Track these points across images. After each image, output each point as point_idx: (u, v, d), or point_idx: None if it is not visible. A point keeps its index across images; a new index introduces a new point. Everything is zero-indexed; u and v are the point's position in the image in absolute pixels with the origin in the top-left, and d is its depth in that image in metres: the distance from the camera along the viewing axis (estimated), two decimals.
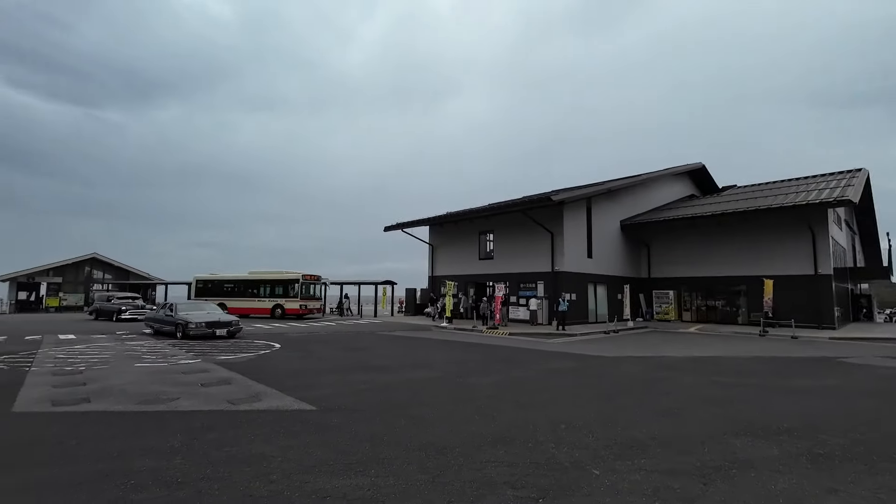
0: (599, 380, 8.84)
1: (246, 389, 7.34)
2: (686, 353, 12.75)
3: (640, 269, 27.34)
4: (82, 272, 40.23)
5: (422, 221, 28.07)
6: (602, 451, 4.58)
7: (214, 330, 15.02)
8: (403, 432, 5.17)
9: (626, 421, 5.73)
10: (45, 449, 4.56)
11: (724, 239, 23.79)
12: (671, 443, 4.88)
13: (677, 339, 17.22)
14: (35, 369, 9.05)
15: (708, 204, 25.86)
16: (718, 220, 22.69)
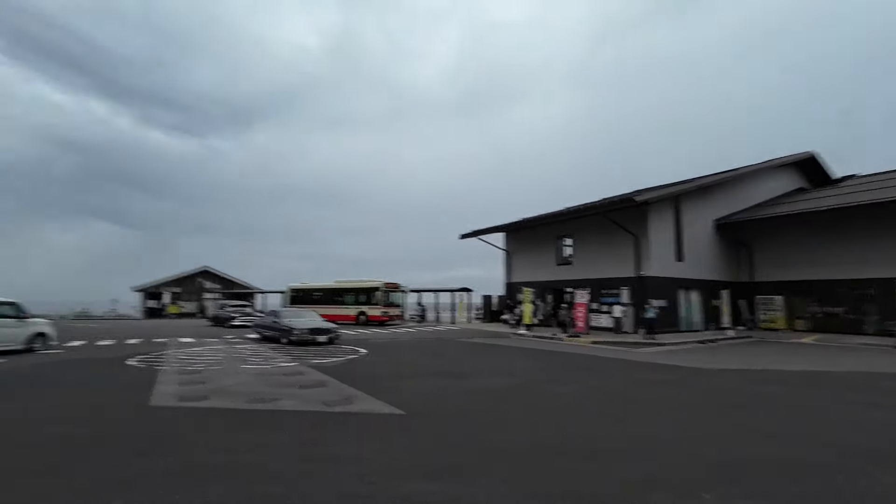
0: (695, 393, 8.13)
1: (339, 392, 7.80)
2: (803, 367, 11.29)
3: (740, 273, 24.80)
4: (196, 283, 45.53)
5: (497, 228, 28.00)
6: (701, 473, 4.20)
7: (316, 336, 15.82)
8: (487, 440, 5.15)
9: (728, 439, 5.20)
10: (175, 440, 5.21)
11: (846, 236, 20.80)
12: (792, 467, 4.34)
13: (790, 350, 15.33)
14: (164, 368, 10.38)
15: (824, 197, 22.84)
16: (839, 215, 19.93)
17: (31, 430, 5.54)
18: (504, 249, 29.42)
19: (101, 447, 4.86)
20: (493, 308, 30.64)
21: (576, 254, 24.44)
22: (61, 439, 5.15)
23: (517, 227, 27.03)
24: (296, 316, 17.80)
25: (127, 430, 5.59)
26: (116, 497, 3.60)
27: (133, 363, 11.24)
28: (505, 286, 29.43)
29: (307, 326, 16.19)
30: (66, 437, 5.26)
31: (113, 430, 5.56)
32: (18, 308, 13.58)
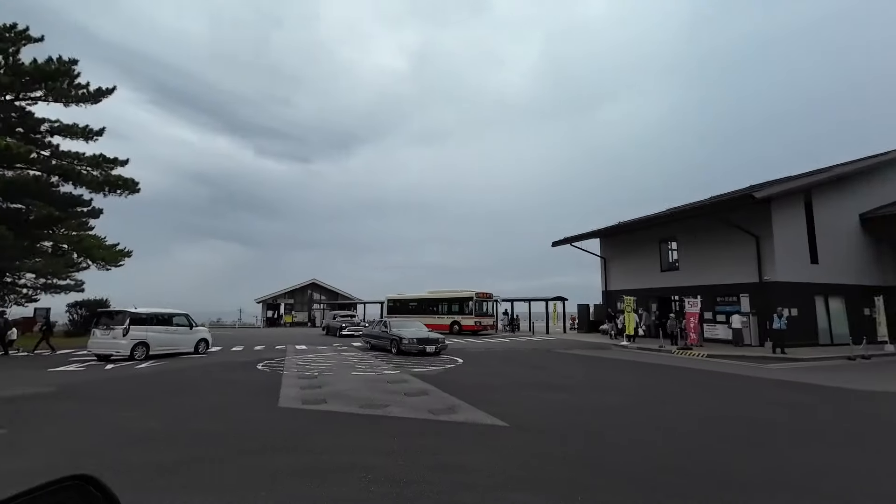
0: (851, 421, 6.94)
1: (442, 401, 7.99)
2: None
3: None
4: (306, 295, 49.97)
5: (591, 234, 26.81)
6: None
7: (425, 347, 15.87)
8: (600, 459, 4.90)
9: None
10: (302, 439, 5.73)
11: None
12: None
13: None
14: (286, 373, 11.52)
15: None
16: None
17: (181, 426, 6.48)
18: (600, 256, 28.03)
19: (241, 444, 5.52)
20: (591, 318, 29.23)
21: (683, 258, 22.45)
22: (207, 436, 5.95)
23: (613, 231, 25.62)
24: (403, 326, 18.02)
25: (262, 428, 6.28)
26: (261, 489, 4.07)
27: (261, 367, 12.64)
28: (603, 294, 27.98)
29: (416, 336, 16.38)
30: (210, 433, 6.06)
31: (250, 428, 6.28)
32: (189, 319, 16.82)
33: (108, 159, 21.41)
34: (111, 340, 14.51)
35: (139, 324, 14.94)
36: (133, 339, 14.61)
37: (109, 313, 15.55)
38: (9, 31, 19.09)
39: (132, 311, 14.99)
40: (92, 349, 14.82)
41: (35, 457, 5.00)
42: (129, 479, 4.33)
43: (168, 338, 15.82)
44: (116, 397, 8.63)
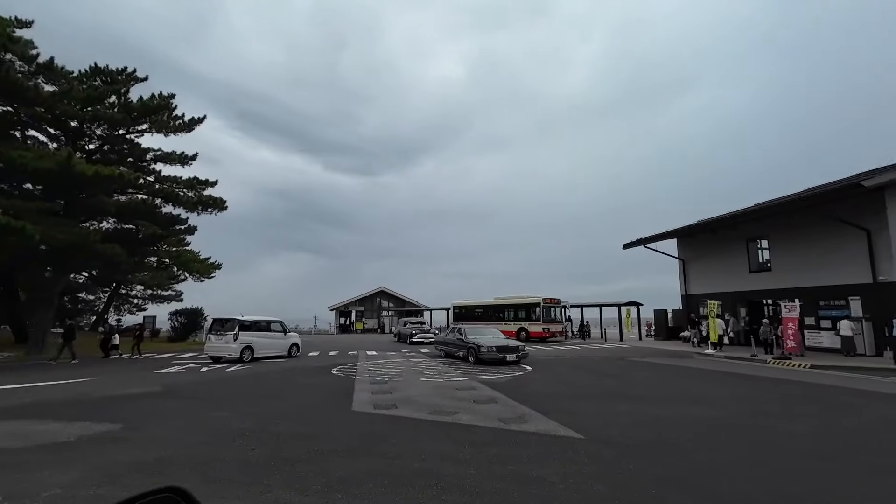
0: None
1: (511, 409, 7.81)
2: None
3: None
4: (375, 302, 51.74)
5: (667, 234, 25.12)
6: None
7: (505, 355, 14.80)
8: (694, 481, 4.48)
9: None
10: (377, 443, 5.85)
11: None
12: None
13: None
14: (358, 378, 11.92)
15: None
16: None
17: (266, 426, 6.89)
18: (678, 257, 26.18)
19: (318, 445, 5.74)
20: (670, 324, 27.32)
21: (776, 258, 20.33)
22: (289, 436, 6.26)
23: (692, 231, 23.81)
24: (479, 333, 16.97)
25: (339, 431, 6.51)
26: (337, 491, 4.19)
27: (335, 372, 13.20)
28: (682, 298, 26.08)
29: (494, 344, 15.27)
30: (291, 434, 6.38)
31: (328, 431, 6.53)
32: (283, 325, 18.73)
33: (201, 181, 23.77)
34: (224, 344, 16.26)
35: (245, 330, 16.58)
36: (241, 343, 16.30)
37: (222, 321, 17.13)
38: (121, 73, 21.91)
39: (240, 319, 16.63)
40: (208, 352, 16.71)
41: (143, 451, 5.56)
42: (222, 475, 4.67)
43: (268, 342, 17.51)
44: (211, 398, 9.41)
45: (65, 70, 20.98)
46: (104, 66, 21.77)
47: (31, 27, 20.51)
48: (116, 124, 21.30)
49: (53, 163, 16.86)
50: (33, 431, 6.54)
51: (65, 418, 7.36)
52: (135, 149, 23.25)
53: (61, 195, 20.29)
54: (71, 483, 4.45)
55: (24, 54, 19.64)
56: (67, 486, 4.39)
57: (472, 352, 15.50)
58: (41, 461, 5.18)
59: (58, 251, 18.16)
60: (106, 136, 22.43)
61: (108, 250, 18.72)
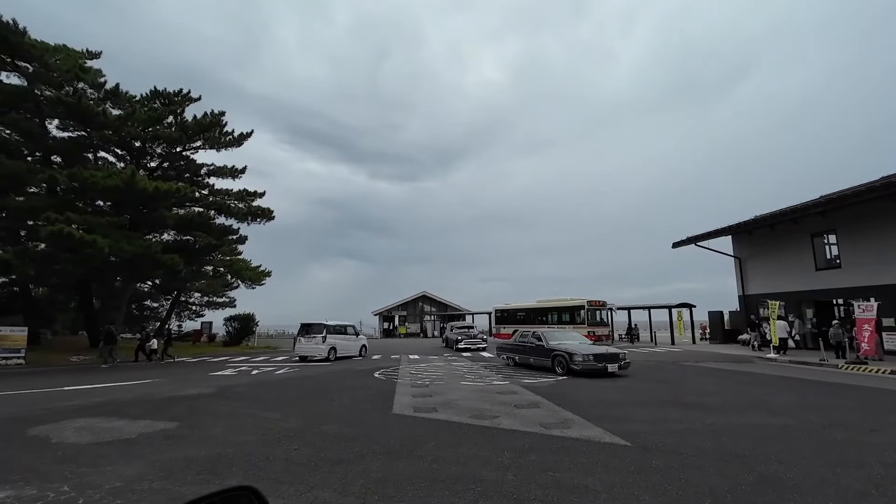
0: None
1: (554, 415, 7.57)
2: None
3: None
4: (417, 307, 52.24)
5: (720, 231, 23.75)
6: None
7: (606, 365, 12.35)
8: (754, 493, 4.12)
9: None
10: (416, 446, 5.83)
11: None
12: None
13: None
14: (400, 381, 12.01)
15: None
16: None
17: (312, 427, 7.04)
18: (734, 256, 24.66)
19: (360, 447, 5.80)
20: (727, 326, 25.75)
21: (847, 253, 18.70)
22: (333, 437, 6.37)
23: (749, 227, 22.36)
24: (561, 337, 14.64)
25: (379, 433, 6.55)
26: (375, 492, 4.19)
27: (378, 375, 13.38)
28: (739, 299, 24.52)
29: (591, 352, 12.59)
30: (336, 435, 6.48)
31: (370, 433, 6.60)
32: (355, 329, 21.25)
33: (250, 193, 25.02)
34: (313, 346, 18.19)
35: (330, 333, 18.60)
36: (328, 344, 18.30)
37: (310, 325, 18.89)
38: (177, 95, 23.50)
39: (326, 323, 18.36)
40: (298, 352, 18.66)
41: (196, 448, 5.83)
42: (266, 473, 4.80)
43: (345, 344, 19.56)
44: (260, 399, 9.79)
45: (128, 94, 22.78)
46: (163, 89, 23.44)
47: (100, 57, 22.43)
48: (174, 142, 22.84)
49: (119, 181, 18.28)
50: (102, 428, 7.03)
51: (129, 416, 7.87)
52: (190, 164, 24.82)
53: (127, 210, 21.98)
54: (131, 477, 4.73)
55: (94, 82, 21.49)
56: (128, 479, 4.66)
57: (560, 361, 12.89)
58: (106, 456, 5.55)
59: (125, 262, 19.64)
60: (165, 154, 24.11)
61: (168, 260, 20.04)
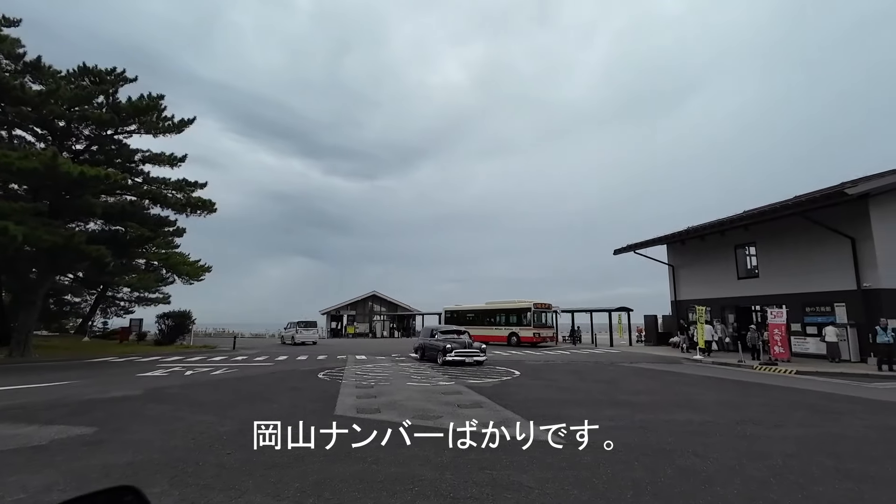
0: None
1: (496, 414, 7.75)
2: None
3: None
4: (367, 306, 51.48)
5: (657, 240, 25.31)
6: None
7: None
8: (672, 485, 4.45)
9: None
10: (355, 447, 5.77)
11: None
12: None
13: None
14: (344, 382, 11.80)
15: None
16: None
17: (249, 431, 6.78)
18: (667, 263, 26.35)
19: (298, 451, 5.65)
20: (660, 329, 27.45)
21: (763, 264, 20.53)
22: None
23: (682, 237, 23.99)
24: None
25: (318, 435, 6.40)
26: (311, 495, 4.11)
27: (322, 376, 13.07)
28: (672, 304, 26.23)
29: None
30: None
31: (306, 435, 6.42)
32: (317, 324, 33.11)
33: (190, 183, 23.56)
34: (311, 335, 31.64)
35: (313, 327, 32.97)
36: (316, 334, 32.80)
37: (308, 322, 32.75)
38: (110, 73, 21.73)
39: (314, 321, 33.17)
40: (298, 339, 30.61)
41: (117, 454, 5.43)
42: (195, 479, 4.57)
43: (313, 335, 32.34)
44: (193, 401, 9.26)
45: (52, 69, 20.79)
46: (93, 66, 21.59)
47: (19, 25, 20.32)
48: (104, 125, 21.08)
49: (38, 163, 16.62)
50: (7, 435, 6.38)
51: (40, 421, 7.19)
52: (123, 149, 23.01)
53: (47, 196, 20.03)
54: (38, 487, 4.33)
55: (11, 53, 19.44)
56: (34, 490, 4.27)
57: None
58: (11, 464, 5.05)
59: (43, 252, 17.89)
60: (94, 137, 22.21)
61: (94, 252, 18.46)
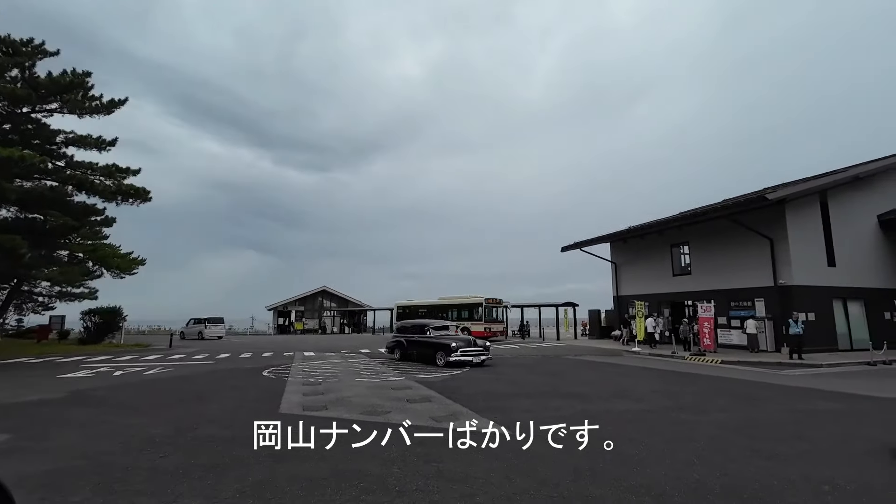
0: (885, 430, 6.63)
1: (445, 408, 7.84)
2: None
3: None
4: (316, 301, 50.18)
5: (602, 238, 26.50)
6: None
7: None
8: (608, 469, 4.71)
9: None
10: (300, 445, 5.63)
11: None
12: None
13: None
14: (291, 379, 11.46)
15: None
16: None
17: (184, 432, 6.43)
18: (610, 261, 27.67)
19: (240, 451, 5.44)
20: (603, 323, 28.82)
21: (696, 263, 22.05)
22: (210, 442, 5.88)
23: (624, 236, 25.27)
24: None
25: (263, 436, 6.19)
26: (250, 497, 3.97)
27: (267, 374, 12.61)
28: (614, 300, 27.59)
29: None
30: (212, 438, 6.00)
31: (251, 435, 6.19)
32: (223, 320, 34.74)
33: (121, 169, 21.79)
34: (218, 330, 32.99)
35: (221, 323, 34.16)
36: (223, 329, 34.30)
37: (215, 318, 33.60)
38: (26, 45, 19.62)
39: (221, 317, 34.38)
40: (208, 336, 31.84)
41: (37, 462, 4.97)
42: (124, 485, 4.28)
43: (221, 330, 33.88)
44: (124, 403, 8.65)
45: None
46: (6, 36, 19.41)
47: None
48: (19, 101, 19.03)
49: None
50: None
51: None
52: (42, 130, 20.91)
53: None
54: None
55: None
56: None
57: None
58: None
59: None
60: (6, 114, 20.00)
61: (6, 242, 16.69)
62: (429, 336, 15.66)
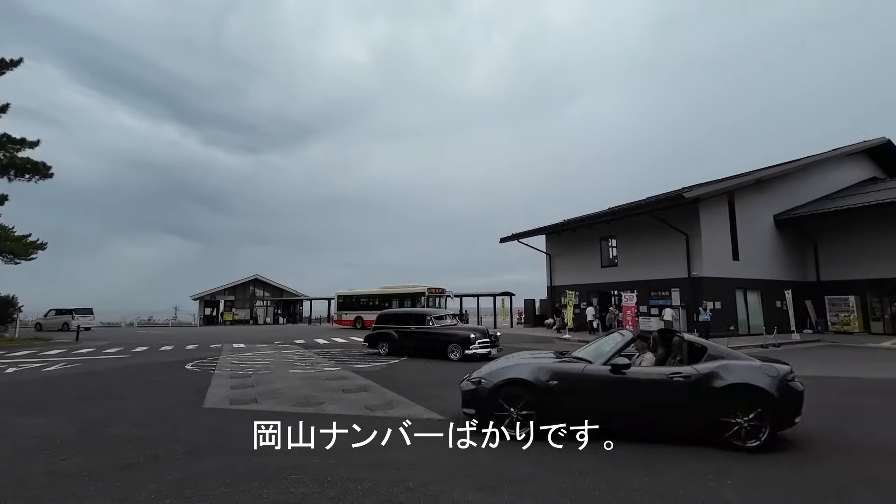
0: None
1: (381, 397, 7.82)
2: (889, 375, 10.24)
3: (806, 272, 23.03)
4: (248, 291, 47.75)
5: (537, 231, 27.52)
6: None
7: None
8: (547, 455, 4.96)
9: None
10: (227, 441, 5.37)
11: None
12: None
13: (868, 355, 13.98)
14: (217, 373, 10.85)
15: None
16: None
17: (91, 432, 5.90)
18: (545, 252, 28.84)
19: (157, 448, 5.08)
20: (537, 312, 30.06)
21: (621, 255, 23.57)
22: (123, 441, 5.44)
23: (558, 228, 26.42)
24: None
25: (183, 431, 5.83)
26: (167, 497, 3.74)
27: (191, 367, 11.84)
28: (548, 290, 28.83)
29: None
30: (125, 438, 5.55)
31: (171, 431, 5.81)
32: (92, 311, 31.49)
33: (14, 139, 19.20)
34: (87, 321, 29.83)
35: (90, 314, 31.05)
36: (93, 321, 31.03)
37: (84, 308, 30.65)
38: None
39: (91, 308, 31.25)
40: (72, 327, 26.77)
41: None
42: (22, 491, 3.84)
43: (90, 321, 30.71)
44: (18, 403, 7.73)
45: None
46: None
47: None
48: None
49: None
50: None
51: None
52: None
53: None
54: None
55: None
56: None
57: None
58: None
59: None
60: None
61: None
62: (432, 327, 14.03)
